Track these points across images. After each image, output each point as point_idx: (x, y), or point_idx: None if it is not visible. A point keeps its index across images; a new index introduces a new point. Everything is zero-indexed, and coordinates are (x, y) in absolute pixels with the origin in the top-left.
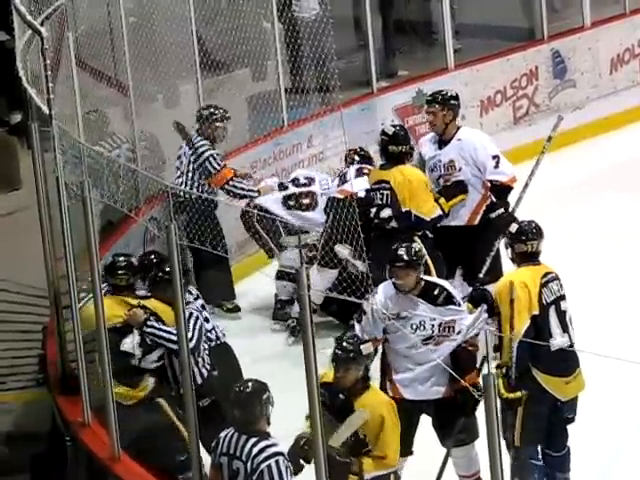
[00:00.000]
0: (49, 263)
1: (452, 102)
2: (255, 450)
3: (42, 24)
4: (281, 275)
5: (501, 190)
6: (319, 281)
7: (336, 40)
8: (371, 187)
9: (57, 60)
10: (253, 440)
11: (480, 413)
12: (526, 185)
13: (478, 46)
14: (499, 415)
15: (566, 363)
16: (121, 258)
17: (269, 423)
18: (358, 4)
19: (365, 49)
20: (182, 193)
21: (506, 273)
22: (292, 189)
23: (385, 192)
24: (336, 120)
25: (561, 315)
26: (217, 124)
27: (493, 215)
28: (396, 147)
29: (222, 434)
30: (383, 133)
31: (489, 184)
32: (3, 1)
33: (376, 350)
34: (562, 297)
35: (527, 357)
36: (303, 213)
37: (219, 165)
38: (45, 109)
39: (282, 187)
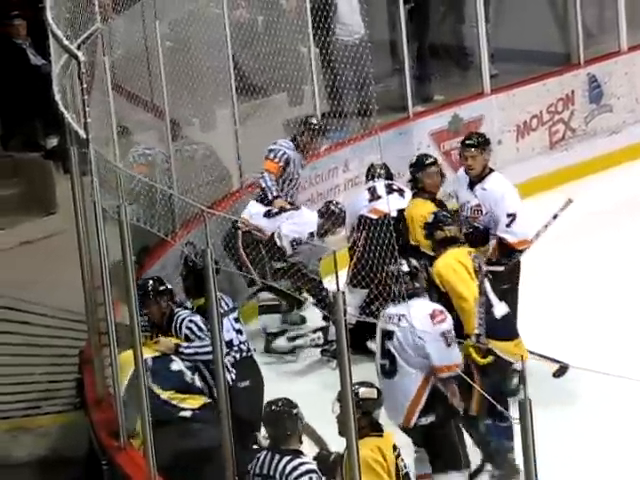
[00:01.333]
0: (87, 287)
1: (489, 145)
2: (288, 468)
3: (78, 48)
4: (263, 310)
5: (507, 250)
6: (351, 301)
7: (373, 64)
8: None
9: (92, 84)
10: (286, 458)
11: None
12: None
13: (514, 71)
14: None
15: (509, 329)
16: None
17: (301, 441)
18: (394, 28)
19: (401, 73)
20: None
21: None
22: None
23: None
24: (373, 144)
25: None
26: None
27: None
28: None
29: (257, 456)
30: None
31: (497, 239)
32: (40, 26)
33: None
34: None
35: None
36: (288, 213)
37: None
38: (82, 133)
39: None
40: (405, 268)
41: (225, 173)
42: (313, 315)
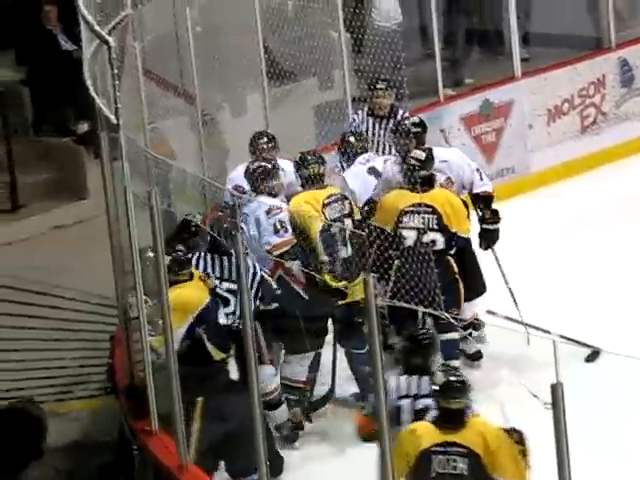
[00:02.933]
0: (117, 272)
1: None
2: None
3: (109, 34)
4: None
5: (488, 199)
6: None
7: (403, 48)
8: (404, 210)
9: (122, 69)
10: None
11: None
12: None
13: (545, 55)
14: None
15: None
16: (178, 254)
17: None
18: (424, 13)
19: (432, 58)
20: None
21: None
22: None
23: (427, 216)
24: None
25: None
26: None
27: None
28: (427, 171)
29: None
30: (414, 159)
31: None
32: (70, 11)
33: None
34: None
35: None
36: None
37: None
38: (112, 118)
39: None
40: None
41: None
42: None
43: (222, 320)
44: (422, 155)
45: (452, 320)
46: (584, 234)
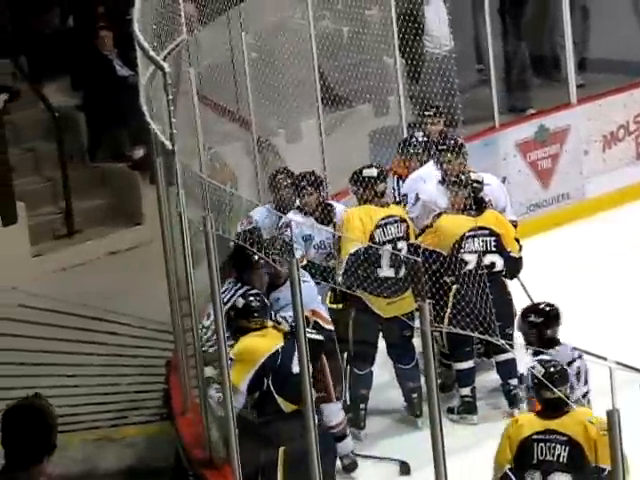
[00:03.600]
0: (174, 298)
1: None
2: None
3: (164, 60)
4: None
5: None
6: None
7: (459, 74)
8: (464, 235)
9: (177, 95)
10: None
11: None
12: None
13: (601, 81)
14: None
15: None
16: (252, 299)
17: None
18: (480, 38)
19: (488, 84)
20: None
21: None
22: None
23: (486, 238)
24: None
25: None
26: None
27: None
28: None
29: None
30: (476, 182)
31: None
32: (126, 37)
33: None
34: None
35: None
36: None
37: None
38: (168, 144)
39: None
40: None
41: None
42: None
43: (296, 368)
44: (481, 177)
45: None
46: (631, 259)
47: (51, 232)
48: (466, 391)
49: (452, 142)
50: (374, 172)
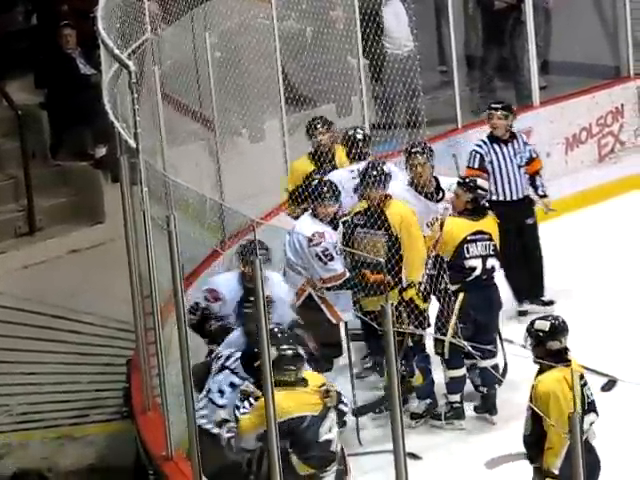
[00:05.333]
0: (136, 297)
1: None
2: None
3: (129, 58)
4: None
5: None
6: None
7: (422, 76)
8: (466, 238)
9: (141, 94)
10: None
11: None
12: None
13: (564, 83)
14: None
15: None
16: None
17: None
18: (443, 40)
19: (451, 86)
20: None
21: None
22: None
23: (486, 243)
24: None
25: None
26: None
27: None
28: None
29: None
30: (481, 188)
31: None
32: (90, 35)
33: None
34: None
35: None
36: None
37: None
38: (132, 143)
39: None
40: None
41: None
42: None
43: (325, 436)
44: (485, 184)
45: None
46: (599, 265)
47: (13, 230)
48: (456, 397)
49: (422, 145)
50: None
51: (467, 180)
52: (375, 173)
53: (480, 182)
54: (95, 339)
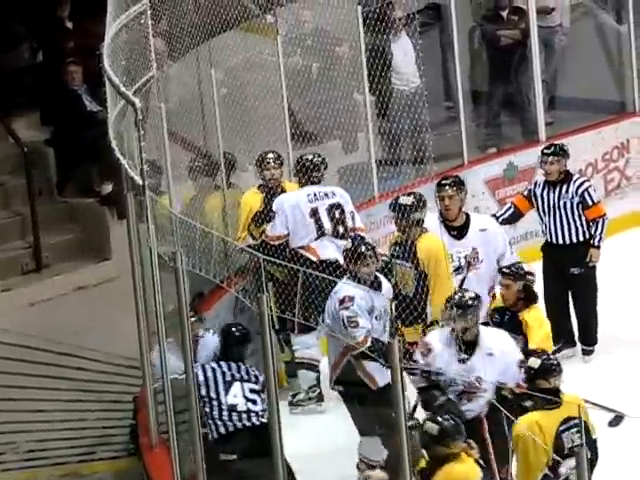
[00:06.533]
0: (142, 333)
1: (464, 185)
2: None
3: (134, 95)
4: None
5: None
6: None
7: (428, 112)
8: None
9: (147, 131)
10: None
11: None
12: None
13: (570, 119)
14: None
15: None
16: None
17: None
18: (449, 75)
19: (457, 121)
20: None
21: None
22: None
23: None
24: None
25: None
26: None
27: None
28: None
29: None
30: (527, 272)
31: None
32: (96, 72)
33: None
34: None
35: None
36: None
37: None
38: (138, 179)
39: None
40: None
41: None
42: None
43: None
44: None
45: None
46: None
47: (19, 267)
48: None
49: (453, 178)
50: (409, 200)
51: (513, 269)
52: (405, 203)
53: (526, 267)
54: (102, 376)
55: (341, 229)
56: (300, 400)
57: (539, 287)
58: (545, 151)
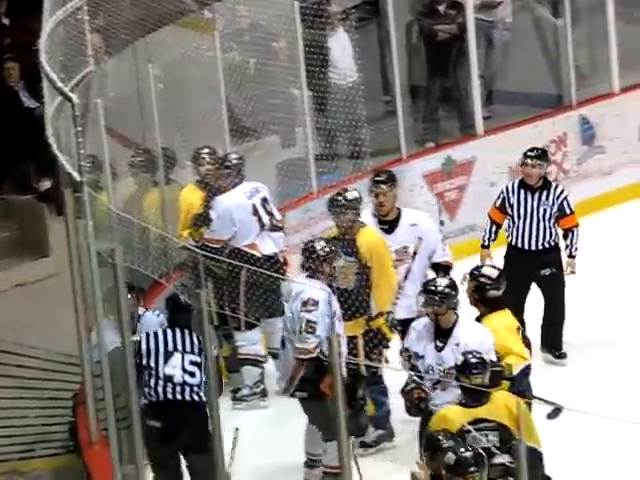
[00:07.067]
0: (81, 330)
1: (396, 181)
2: None
3: (72, 91)
4: (246, 362)
5: (449, 270)
6: None
7: (366, 107)
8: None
9: (85, 126)
10: None
11: None
12: None
13: (508, 113)
14: None
15: None
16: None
17: None
18: (387, 70)
19: (395, 116)
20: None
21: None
22: None
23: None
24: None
25: None
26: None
27: None
28: (497, 291)
29: None
30: (480, 275)
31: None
32: (33, 68)
33: None
34: None
35: None
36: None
37: None
38: (76, 176)
39: None
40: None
41: None
42: None
43: None
44: (494, 273)
45: None
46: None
47: None
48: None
49: (387, 173)
50: (348, 196)
51: (473, 268)
52: (340, 199)
53: (486, 270)
54: (41, 373)
55: (274, 222)
56: (244, 395)
57: None
58: (529, 154)
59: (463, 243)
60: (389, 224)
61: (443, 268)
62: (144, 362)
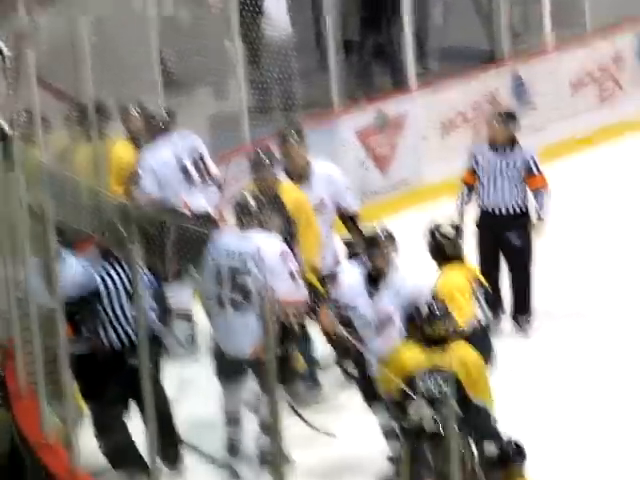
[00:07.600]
0: (9, 283)
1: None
2: None
3: (4, 43)
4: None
5: (357, 219)
6: None
7: (298, 60)
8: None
9: (18, 80)
10: None
11: None
12: None
13: (441, 69)
14: None
15: None
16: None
17: None
18: (320, 24)
19: (327, 70)
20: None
21: None
22: None
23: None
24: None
25: None
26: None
27: None
28: (454, 248)
29: None
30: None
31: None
32: None
33: None
34: None
35: None
36: None
37: None
38: (8, 129)
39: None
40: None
41: None
42: None
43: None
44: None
45: None
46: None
47: None
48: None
49: (295, 128)
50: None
51: (434, 224)
52: (262, 157)
53: (444, 229)
54: None
55: (207, 178)
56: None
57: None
58: (496, 114)
59: (395, 198)
60: (302, 178)
61: (350, 219)
62: (105, 303)
